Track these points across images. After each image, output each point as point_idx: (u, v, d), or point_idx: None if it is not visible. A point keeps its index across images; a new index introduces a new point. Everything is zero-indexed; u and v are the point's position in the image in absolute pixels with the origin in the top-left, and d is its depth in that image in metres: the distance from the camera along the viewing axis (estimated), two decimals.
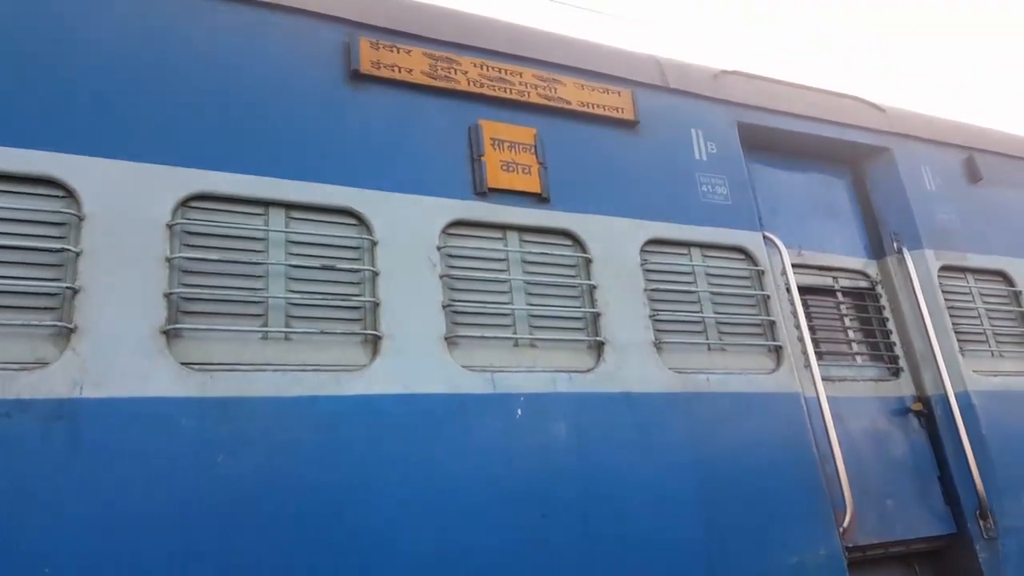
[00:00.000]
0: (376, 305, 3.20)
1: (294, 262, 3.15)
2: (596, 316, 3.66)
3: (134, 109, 3.06)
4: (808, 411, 3.95)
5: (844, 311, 4.61)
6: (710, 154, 4.36)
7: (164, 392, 2.75)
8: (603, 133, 4.08)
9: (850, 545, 3.88)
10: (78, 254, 2.77)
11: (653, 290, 3.87)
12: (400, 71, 3.63)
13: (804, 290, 4.53)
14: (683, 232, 4.06)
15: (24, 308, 2.70)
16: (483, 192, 3.62)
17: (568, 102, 4.01)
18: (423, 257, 3.37)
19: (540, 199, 3.75)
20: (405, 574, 2.87)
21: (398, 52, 3.66)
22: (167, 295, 2.86)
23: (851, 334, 4.59)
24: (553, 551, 3.14)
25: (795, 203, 4.77)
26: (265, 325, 3.03)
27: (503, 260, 3.60)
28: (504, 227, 3.65)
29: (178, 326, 2.86)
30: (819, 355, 4.40)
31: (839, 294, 4.65)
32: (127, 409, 2.68)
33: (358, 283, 3.26)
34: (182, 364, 2.81)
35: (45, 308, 2.72)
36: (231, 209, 3.13)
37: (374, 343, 3.16)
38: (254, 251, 3.11)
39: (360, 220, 3.33)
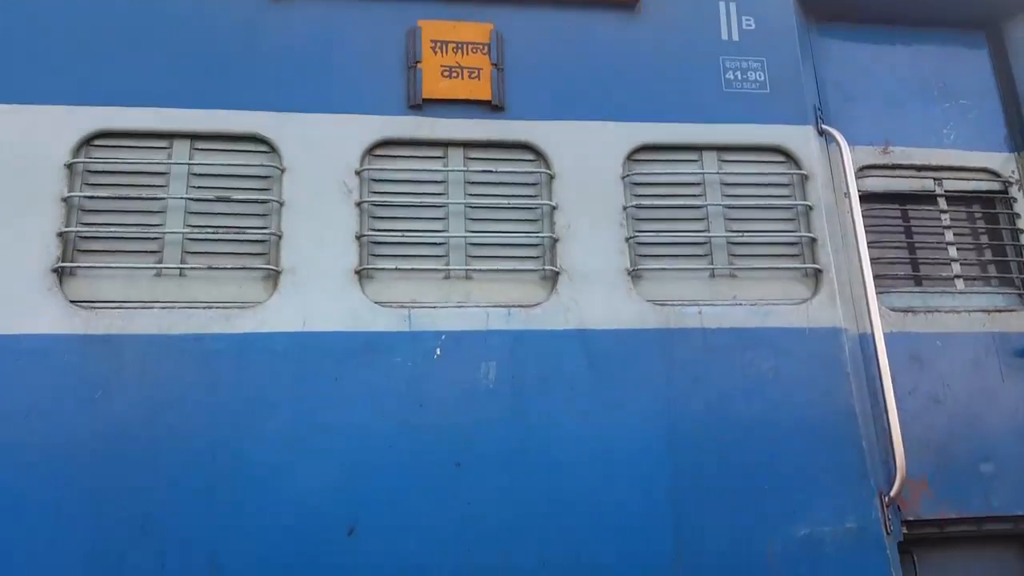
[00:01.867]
0: (279, 238, 2.93)
1: (194, 195, 2.98)
2: (554, 242, 3.05)
3: (34, 50, 3.05)
4: (859, 351, 3.01)
5: (948, 222, 3.43)
6: (745, 31, 3.42)
7: (49, 329, 2.74)
8: (587, 19, 3.36)
9: (911, 518, 2.92)
10: None
11: (637, 207, 3.14)
12: None
13: (891, 197, 3.44)
14: (689, 133, 3.23)
15: None
16: (417, 105, 3.14)
17: None
18: (336, 183, 3.01)
19: (492, 107, 3.18)
20: (283, 524, 2.62)
21: None
22: (60, 234, 2.83)
23: (955, 252, 3.40)
24: (466, 505, 2.69)
25: (888, 85, 3.61)
26: (160, 262, 2.90)
27: (441, 183, 3.12)
28: (444, 143, 3.15)
29: (69, 264, 2.83)
30: (915, 280, 3.34)
31: (942, 200, 3.46)
32: (14, 346, 2.71)
33: (264, 215, 3.01)
34: (71, 302, 2.78)
35: None
36: (134, 145, 3.02)
37: (275, 279, 2.90)
38: (154, 186, 2.98)
39: (270, 147, 3.05)
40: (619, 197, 3.12)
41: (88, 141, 2.98)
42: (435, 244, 3.04)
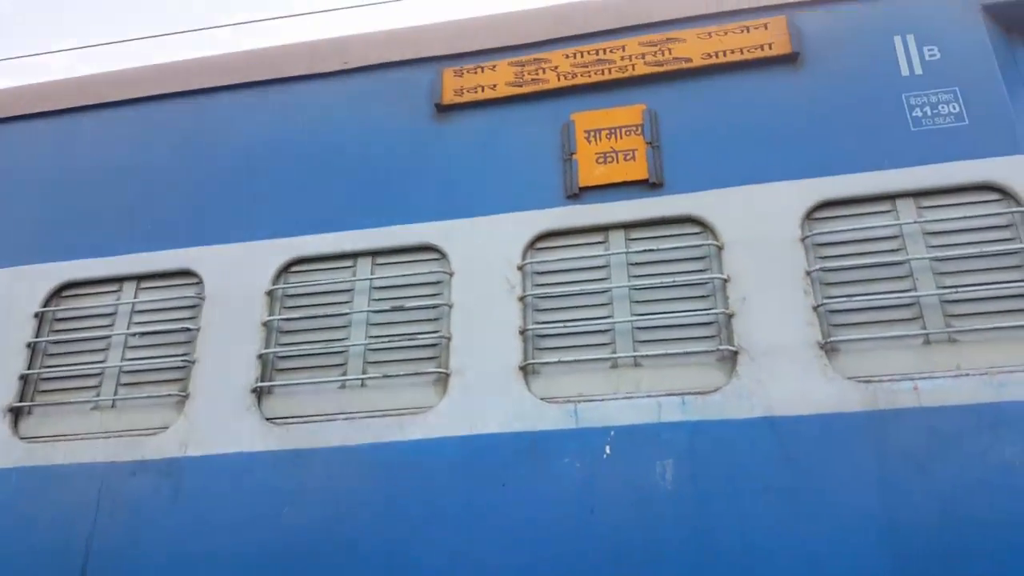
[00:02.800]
0: (448, 340, 2.98)
1: (375, 307, 3.15)
2: (728, 318, 2.78)
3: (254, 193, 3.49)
4: None
5: None
6: (928, 62, 3.01)
7: (248, 448, 2.97)
8: (743, 82, 3.17)
9: None
10: (197, 330, 3.23)
11: (824, 270, 2.79)
12: (483, 90, 3.41)
13: None
14: (876, 181, 2.85)
15: (155, 382, 3.22)
16: (574, 194, 3.12)
17: (688, 60, 3.23)
18: (500, 281, 3.03)
19: (650, 185, 3.06)
20: None
21: (482, 72, 3.45)
22: (260, 356, 3.12)
23: None
24: None
25: None
26: (344, 374, 3.07)
27: (603, 268, 3.01)
28: (604, 228, 3.07)
29: (266, 384, 3.09)
30: None
31: None
32: (220, 464, 2.97)
33: (435, 320, 3.09)
34: (267, 419, 3.01)
35: (169, 381, 3.20)
36: (323, 267, 3.29)
37: (445, 381, 2.93)
38: (340, 303, 3.20)
39: (440, 253, 3.17)
40: (800, 261, 2.80)
41: (285, 269, 3.31)
42: (600, 332, 2.91)
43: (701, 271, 2.93)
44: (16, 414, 3.22)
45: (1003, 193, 2.76)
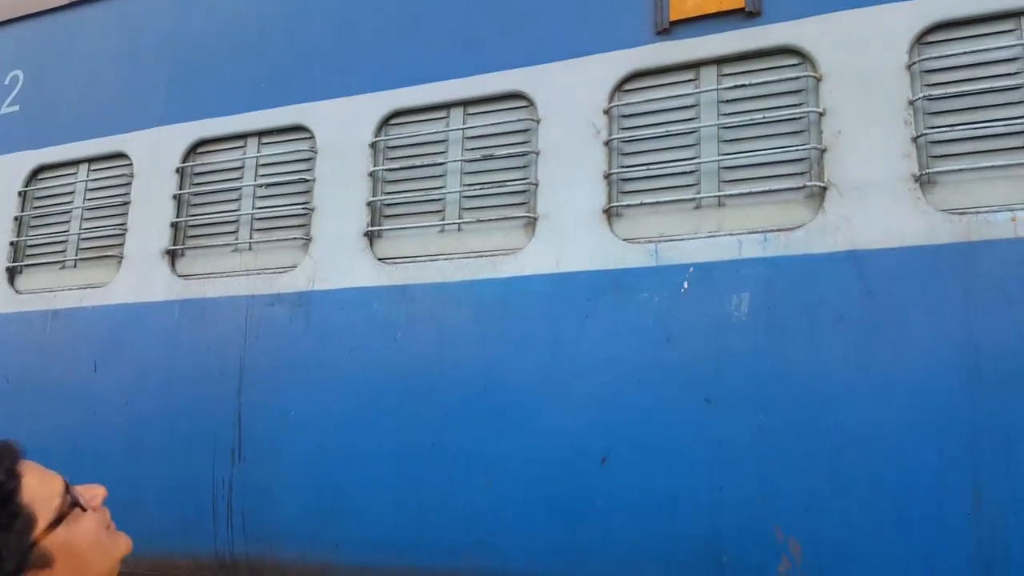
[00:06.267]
0: (536, 187, 3.08)
1: (468, 156, 3.28)
2: (821, 153, 2.67)
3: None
4: None
5: None
6: None
7: (364, 283, 3.30)
8: None
9: None
10: (313, 180, 3.52)
11: (929, 98, 2.57)
12: None
13: None
14: None
15: (282, 228, 3.59)
16: (665, 29, 3.00)
17: None
18: (586, 126, 3.05)
19: (746, 15, 2.89)
20: (543, 452, 2.81)
21: None
22: (368, 203, 3.38)
23: None
24: (719, 440, 2.56)
25: None
26: (443, 219, 3.27)
27: (692, 107, 2.94)
28: (695, 65, 2.96)
29: (376, 228, 3.36)
30: None
31: None
32: (341, 297, 3.34)
33: (524, 167, 3.18)
34: (378, 259, 3.31)
35: (294, 227, 3.55)
36: (419, 119, 3.43)
37: (533, 225, 3.06)
38: (436, 153, 3.36)
39: (528, 100, 3.21)
40: (904, 90, 2.60)
41: (385, 121, 3.48)
42: (685, 173, 2.90)
43: (796, 105, 2.79)
44: (172, 256, 3.74)
45: None
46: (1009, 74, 2.53)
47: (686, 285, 2.74)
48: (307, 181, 3.54)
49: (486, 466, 2.91)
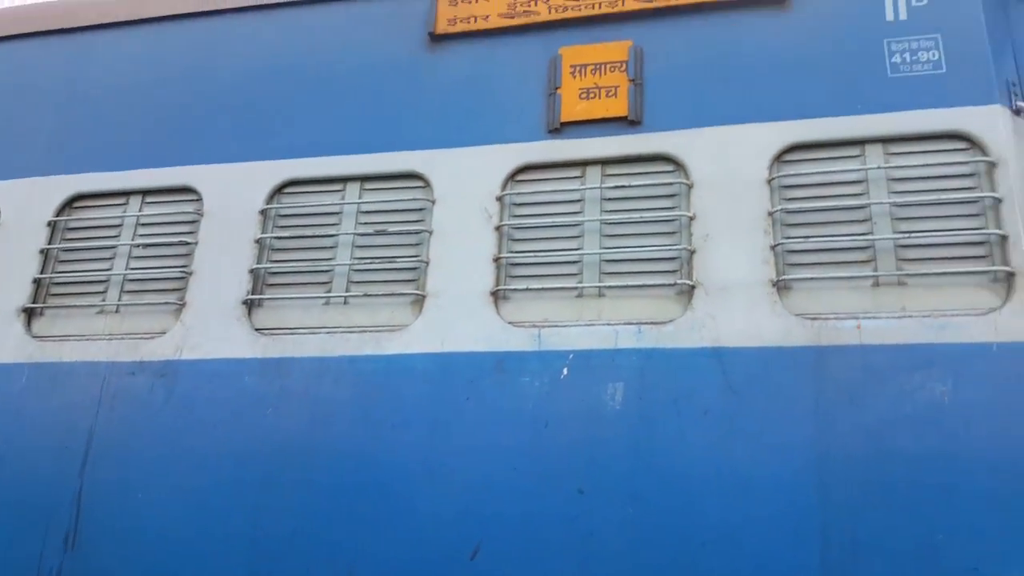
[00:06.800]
0: (427, 265, 3.14)
1: (361, 230, 3.30)
2: (691, 254, 2.89)
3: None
4: None
5: None
6: (914, 8, 3.00)
7: (237, 354, 3.19)
8: (732, 23, 3.18)
9: None
10: (195, 244, 3.43)
11: (786, 211, 2.87)
12: (476, 20, 3.47)
13: None
14: (846, 126, 2.89)
15: (155, 291, 3.44)
16: (556, 128, 3.20)
17: None
18: (479, 210, 3.16)
19: (629, 123, 3.14)
20: (413, 540, 2.75)
21: (476, 2, 3.50)
22: (252, 271, 3.31)
23: None
24: (590, 532, 2.61)
25: None
26: (329, 291, 3.25)
27: (578, 202, 3.12)
28: (582, 163, 3.16)
29: (256, 296, 3.28)
30: None
31: None
32: (211, 368, 3.20)
33: (416, 245, 3.24)
34: (256, 329, 3.22)
35: (168, 290, 3.41)
36: (315, 190, 3.44)
37: (421, 303, 3.10)
38: (328, 224, 3.36)
39: (425, 181, 3.30)
40: (764, 202, 2.88)
41: (279, 190, 3.47)
42: (569, 263, 3.05)
43: (670, 208, 3.02)
44: (29, 314, 3.48)
45: (971, 142, 2.79)
46: (855, 194, 2.86)
47: (565, 371, 2.84)
48: (188, 244, 3.44)
49: (348, 558, 2.79)
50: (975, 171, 2.75)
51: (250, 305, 3.27)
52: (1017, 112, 2.79)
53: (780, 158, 2.95)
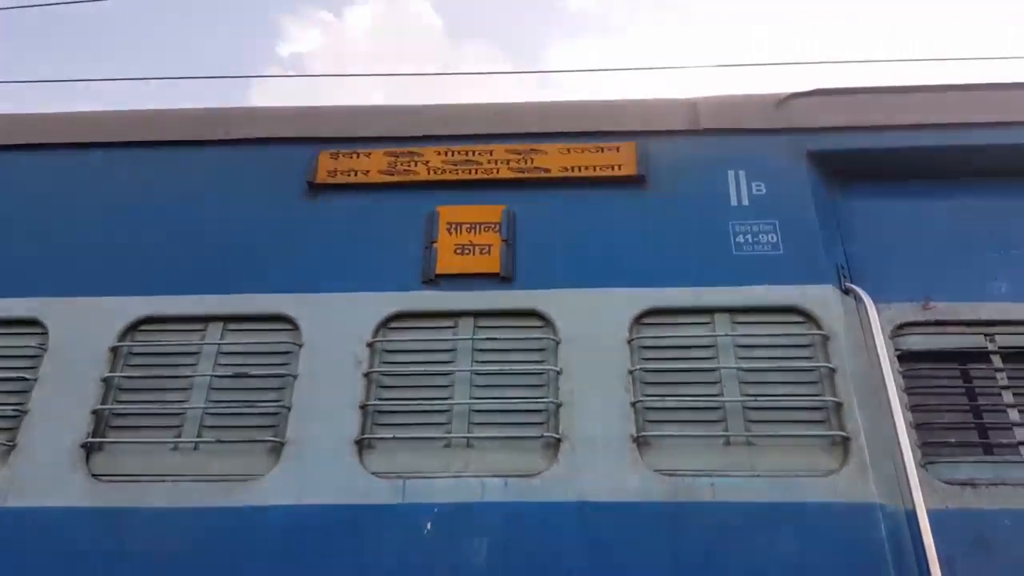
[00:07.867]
0: (288, 410, 3.03)
1: (219, 372, 3.17)
2: (558, 407, 2.97)
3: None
4: (906, 531, 2.62)
5: (1005, 382, 3.05)
6: (755, 195, 3.42)
7: (69, 503, 2.88)
8: (596, 196, 3.49)
9: None
10: (35, 380, 3.15)
11: (644, 370, 3.04)
12: (356, 174, 3.60)
13: (936, 356, 3.14)
14: (697, 296, 3.17)
15: None
16: (431, 279, 3.30)
17: (547, 170, 3.54)
18: (348, 356, 3.13)
19: (500, 279, 3.28)
20: None
21: (357, 157, 3.66)
22: (94, 412, 3.06)
23: (1016, 415, 2.98)
24: None
25: (926, 238, 3.43)
26: (178, 436, 3.05)
27: (450, 351, 3.17)
28: (455, 314, 3.25)
29: (96, 440, 3.02)
30: (983, 447, 2.95)
31: (996, 358, 3.10)
32: (39, 517, 2.86)
33: (279, 389, 3.14)
34: (93, 475, 2.94)
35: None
36: (174, 328, 3.30)
37: (279, 451, 2.96)
38: (185, 365, 3.21)
39: (293, 324, 3.25)
40: (625, 361, 3.04)
41: (134, 327, 3.29)
42: (439, 412, 3.04)
43: (538, 362, 3.12)
44: None
45: (806, 316, 3.12)
46: (706, 358, 3.07)
47: (429, 526, 2.75)
48: (26, 380, 3.15)
49: None
50: (812, 342, 3.06)
51: (89, 449, 3.00)
52: (846, 292, 3.17)
53: (639, 320, 3.16)
